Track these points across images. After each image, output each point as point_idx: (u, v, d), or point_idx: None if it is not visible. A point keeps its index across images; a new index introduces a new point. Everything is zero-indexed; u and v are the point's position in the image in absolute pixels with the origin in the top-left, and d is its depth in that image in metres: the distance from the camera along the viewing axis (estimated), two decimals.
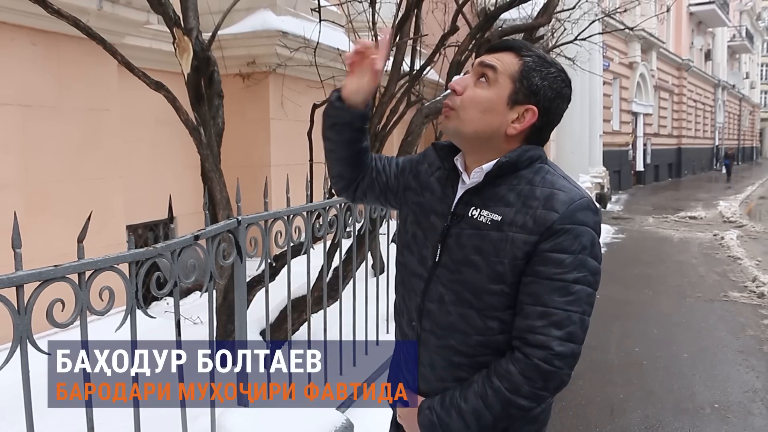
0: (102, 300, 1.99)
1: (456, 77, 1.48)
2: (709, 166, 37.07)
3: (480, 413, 1.38)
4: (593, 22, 8.36)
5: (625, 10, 9.39)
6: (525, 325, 1.35)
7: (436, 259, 1.47)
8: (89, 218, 2.03)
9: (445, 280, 1.45)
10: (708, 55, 36.24)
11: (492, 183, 1.43)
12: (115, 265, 2.06)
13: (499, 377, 1.37)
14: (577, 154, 13.29)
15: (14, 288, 1.75)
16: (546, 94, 1.41)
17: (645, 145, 26.14)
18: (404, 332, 1.59)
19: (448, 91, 1.48)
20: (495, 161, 1.43)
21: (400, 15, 4.43)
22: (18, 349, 1.77)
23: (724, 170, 31.45)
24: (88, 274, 1.97)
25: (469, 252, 1.41)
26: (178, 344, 2.38)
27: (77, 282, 1.92)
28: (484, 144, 1.44)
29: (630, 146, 24.27)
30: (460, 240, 1.43)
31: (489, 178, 1.42)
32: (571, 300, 1.34)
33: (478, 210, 1.42)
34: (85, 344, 1.99)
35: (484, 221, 1.40)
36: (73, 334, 2.11)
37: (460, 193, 1.48)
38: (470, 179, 1.46)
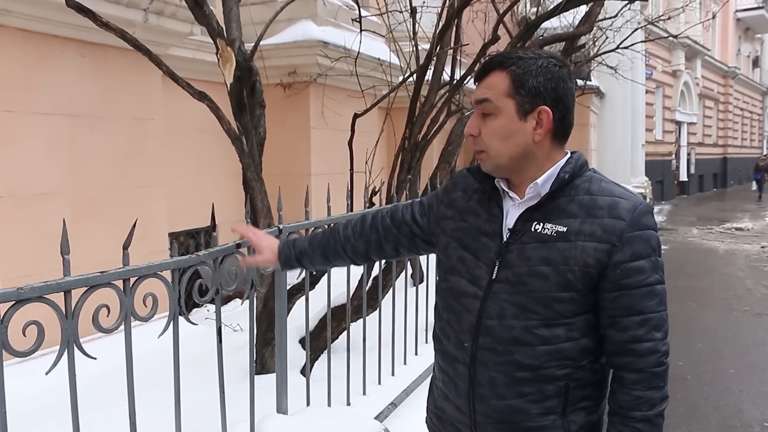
0: (146, 306, 2.03)
1: (467, 124, 1.52)
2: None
3: None
4: (636, 30, 8.24)
5: (668, 18, 9.22)
6: (628, 337, 1.41)
7: (493, 277, 1.48)
8: (134, 226, 2.07)
9: (506, 295, 1.46)
10: (756, 62, 35.42)
11: (549, 197, 1.45)
12: (159, 272, 2.09)
13: (633, 408, 1.42)
14: (619, 164, 13.09)
15: (62, 293, 1.79)
16: (547, 87, 1.42)
17: (689, 154, 25.61)
18: (451, 356, 1.57)
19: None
20: (552, 178, 1.45)
21: (440, 25, 4.43)
22: (65, 352, 1.80)
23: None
24: (132, 280, 2.00)
25: (535, 263, 1.43)
26: (219, 351, 2.41)
27: (122, 288, 1.96)
28: (523, 161, 1.46)
29: (673, 156, 23.82)
30: (523, 254, 1.45)
31: (550, 192, 1.45)
32: (658, 301, 1.41)
33: (542, 224, 1.44)
34: (129, 349, 2.02)
35: (549, 233, 1.43)
36: (118, 339, 2.15)
37: (513, 210, 1.50)
38: (526, 195, 1.48)
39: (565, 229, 1.42)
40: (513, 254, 1.46)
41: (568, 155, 1.50)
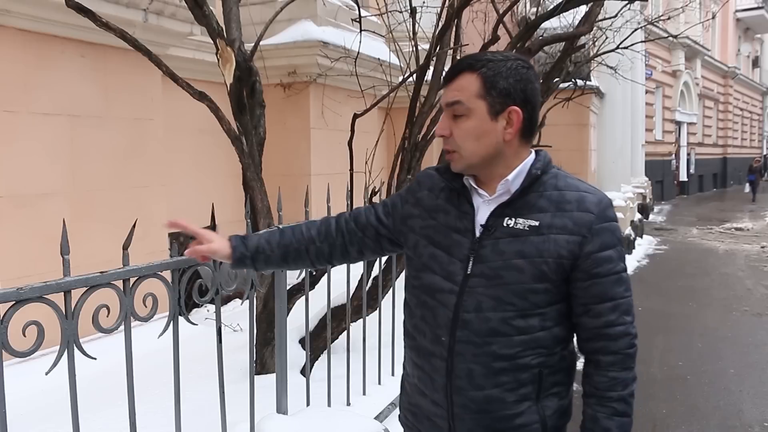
0: (146, 306, 2.03)
1: (438, 125, 1.56)
2: (762, 174, 36.04)
3: (624, 424, 1.54)
4: (636, 30, 8.23)
5: (668, 18, 9.21)
6: (601, 323, 1.51)
7: (468, 272, 1.52)
8: (134, 226, 2.07)
9: (482, 289, 1.50)
10: (756, 62, 35.41)
11: (520, 193, 1.51)
12: (159, 272, 2.09)
13: (609, 389, 1.52)
14: (619, 164, 13.06)
15: (62, 293, 1.79)
16: (517, 88, 1.47)
17: (689, 154, 25.59)
18: (427, 351, 1.59)
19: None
20: (522, 175, 1.51)
21: (440, 25, 4.43)
22: (65, 352, 1.80)
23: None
24: (132, 280, 2.01)
25: (510, 257, 1.48)
26: (219, 351, 2.41)
27: (122, 288, 1.96)
28: (493, 160, 1.52)
29: (673, 156, 23.82)
30: (497, 248, 1.50)
31: (521, 189, 1.51)
32: (626, 287, 1.52)
33: (514, 219, 1.50)
34: (129, 349, 2.03)
35: (522, 228, 1.49)
36: (118, 339, 2.15)
37: (483, 207, 1.55)
38: (497, 192, 1.53)
39: (537, 223, 1.48)
40: (487, 249, 1.51)
41: (534, 153, 1.56)
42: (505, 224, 1.50)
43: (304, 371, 3.37)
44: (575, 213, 1.48)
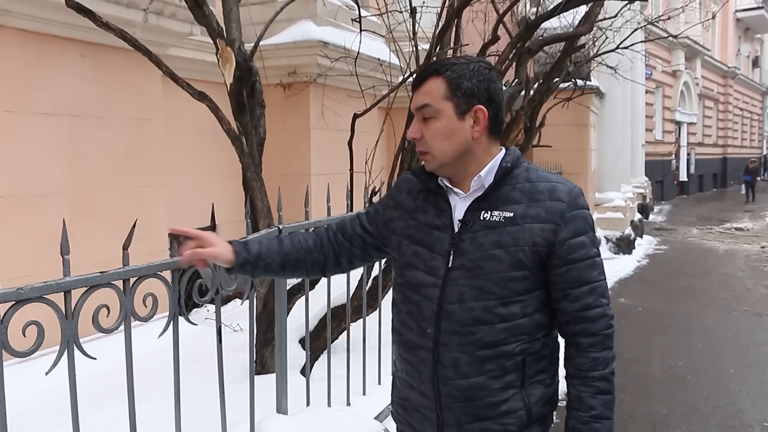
0: (146, 306, 2.03)
1: (408, 129, 1.66)
2: (757, 175, 36.01)
3: (607, 401, 1.58)
4: (635, 30, 8.24)
5: (668, 18, 9.22)
6: (579, 306, 1.57)
7: (449, 265, 1.59)
8: (134, 226, 2.07)
9: (463, 280, 1.57)
10: (756, 62, 35.41)
11: (494, 187, 1.59)
12: (159, 272, 2.09)
13: (591, 369, 1.57)
14: (618, 164, 13.06)
15: (62, 293, 1.79)
16: (480, 87, 1.55)
17: (689, 154, 25.59)
18: (413, 344, 1.66)
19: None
20: (494, 170, 1.59)
21: (440, 25, 4.43)
22: (65, 352, 1.80)
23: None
24: (132, 280, 2.01)
25: (488, 248, 1.56)
26: (219, 351, 2.41)
27: (122, 288, 1.96)
28: (464, 158, 1.59)
29: (673, 156, 23.81)
30: (475, 240, 1.57)
31: (494, 183, 1.58)
32: (600, 271, 1.59)
33: (489, 212, 1.58)
34: (129, 349, 2.03)
35: (497, 219, 1.57)
36: (118, 339, 2.15)
37: (460, 203, 1.62)
38: (471, 188, 1.61)
39: (511, 214, 1.56)
40: (466, 242, 1.58)
41: (504, 150, 1.64)
42: (481, 218, 1.58)
43: (304, 371, 3.37)
44: (548, 202, 1.55)
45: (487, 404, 1.59)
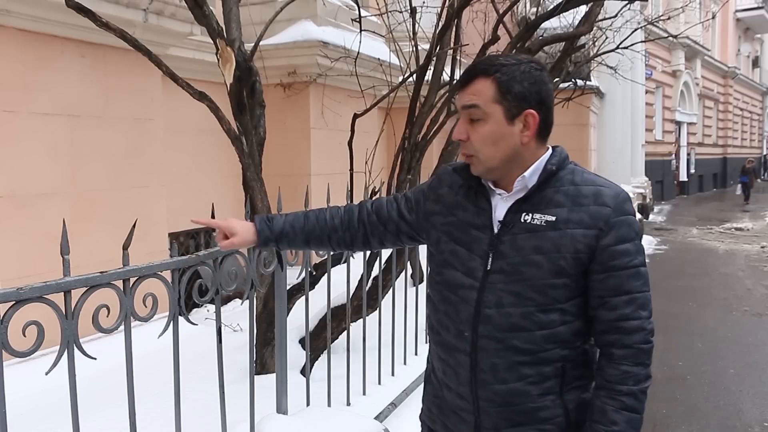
0: (146, 306, 2.03)
1: (455, 129, 1.59)
2: (757, 176, 36.00)
3: (632, 419, 1.49)
4: (636, 30, 8.24)
5: (668, 18, 9.23)
6: (616, 316, 1.49)
7: (488, 268, 1.54)
8: (134, 226, 2.07)
9: (502, 285, 1.52)
10: (756, 62, 35.41)
11: (537, 188, 1.53)
12: (159, 272, 2.09)
13: (620, 383, 1.49)
14: (619, 164, 13.09)
15: (62, 293, 1.79)
16: (531, 91, 1.49)
17: (689, 154, 25.58)
18: (451, 346, 1.61)
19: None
20: (539, 171, 1.53)
21: (440, 25, 4.43)
22: (65, 353, 1.80)
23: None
24: (132, 280, 2.00)
25: (528, 253, 1.50)
26: (219, 351, 2.41)
27: (122, 288, 1.96)
28: (512, 163, 1.54)
29: (673, 156, 23.80)
30: (515, 244, 1.52)
31: (537, 184, 1.53)
32: (643, 281, 1.51)
33: (531, 215, 1.52)
34: (129, 349, 2.02)
35: (539, 223, 1.51)
36: (118, 339, 2.15)
37: (501, 203, 1.57)
38: (514, 189, 1.55)
39: (554, 218, 1.50)
40: (505, 245, 1.53)
41: (551, 150, 1.58)
42: (522, 219, 1.52)
43: (304, 371, 3.36)
44: (592, 207, 1.49)
45: (525, 410, 1.55)
